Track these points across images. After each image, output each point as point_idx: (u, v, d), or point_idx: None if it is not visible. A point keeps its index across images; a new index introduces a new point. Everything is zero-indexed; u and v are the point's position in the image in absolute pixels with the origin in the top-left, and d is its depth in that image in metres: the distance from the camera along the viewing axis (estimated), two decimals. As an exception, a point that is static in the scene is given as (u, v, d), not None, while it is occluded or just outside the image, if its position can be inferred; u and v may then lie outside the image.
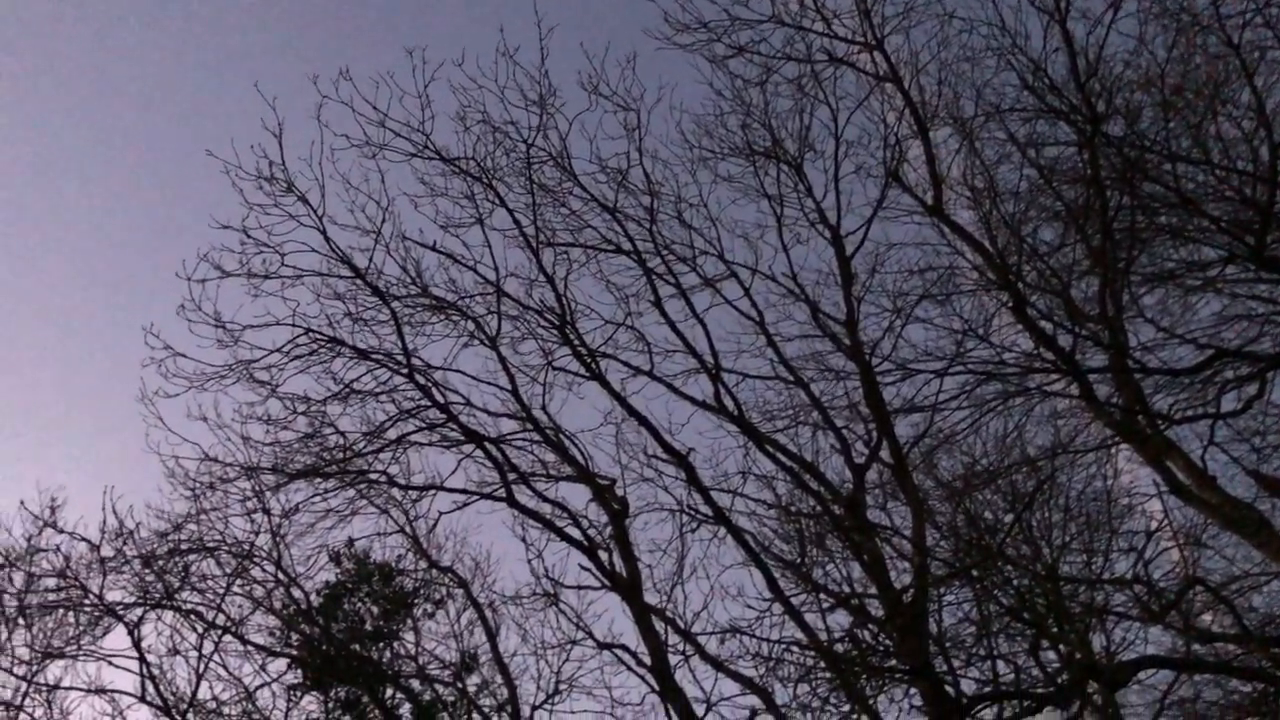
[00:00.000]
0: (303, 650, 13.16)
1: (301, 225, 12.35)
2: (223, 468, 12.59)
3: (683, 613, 12.14)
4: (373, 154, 12.58)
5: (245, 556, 13.01)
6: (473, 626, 14.31)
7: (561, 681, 13.49)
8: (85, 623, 12.46)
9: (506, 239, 13.15)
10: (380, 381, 12.87)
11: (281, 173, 12.12)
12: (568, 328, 12.92)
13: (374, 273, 12.67)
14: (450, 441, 13.13)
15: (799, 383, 13.34)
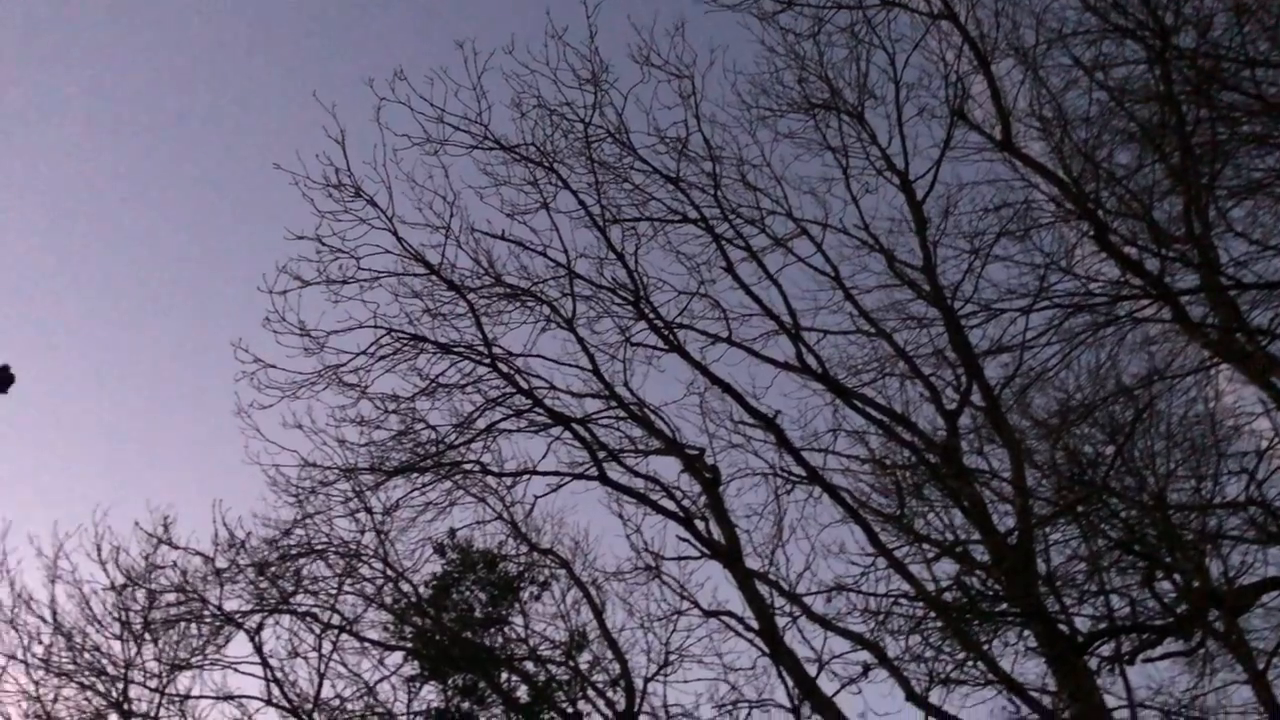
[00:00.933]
0: (417, 642, 13.44)
1: (373, 228, 12.53)
2: (322, 471, 12.88)
3: (786, 575, 12.13)
4: (434, 150, 12.68)
5: (353, 556, 13.33)
6: (579, 605, 14.49)
7: (671, 652, 13.60)
8: (207, 633, 12.92)
9: (573, 220, 13.18)
10: (464, 373, 13.03)
11: (348, 178, 12.32)
12: (642, 302, 12.92)
13: (447, 267, 12.82)
14: (538, 426, 13.24)
15: (881, 334, 13.19)
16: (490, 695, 12.96)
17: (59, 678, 12.61)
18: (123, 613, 12.81)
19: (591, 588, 14.18)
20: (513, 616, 14.19)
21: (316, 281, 12.45)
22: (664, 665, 13.49)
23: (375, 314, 12.65)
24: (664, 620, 13.64)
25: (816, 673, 11.27)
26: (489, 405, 13.05)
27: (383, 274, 12.68)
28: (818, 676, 11.22)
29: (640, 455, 13.27)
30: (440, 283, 12.85)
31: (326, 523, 13.30)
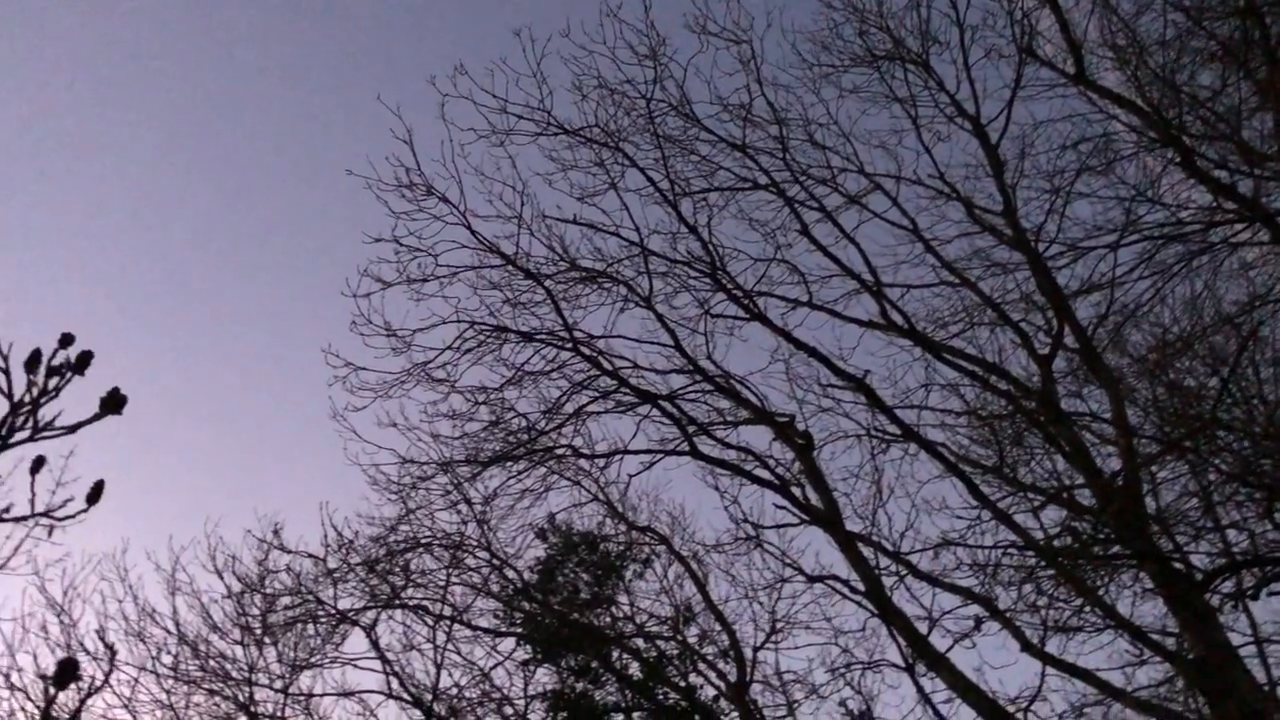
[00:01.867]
0: (527, 626, 13.64)
1: (447, 224, 12.66)
2: (420, 467, 13.12)
3: (888, 534, 11.99)
4: (500, 141, 12.76)
5: (457, 547, 13.54)
6: (681, 580, 14.55)
7: (778, 620, 13.58)
8: (325, 632, 13.26)
9: (643, 198, 13.15)
10: (549, 360, 13.13)
11: (419, 177, 12.45)
12: (719, 273, 12.86)
13: (522, 256, 12.91)
14: (625, 406, 13.30)
15: (966, 283, 12.95)
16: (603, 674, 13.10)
17: (188, 685, 13.06)
18: (242, 618, 13.23)
19: (693, 562, 14.24)
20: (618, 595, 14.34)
21: (397, 282, 12.66)
22: (772, 633, 13.49)
23: (457, 309, 12.83)
24: (768, 589, 13.64)
25: (928, 630, 11.12)
26: (575, 389, 13.13)
27: (460, 269, 12.84)
28: (929, 634, 11.08)
29: (730, 427, 13.27)
30: (517, 272, 12.95)
31: (429, 517, 13.57)
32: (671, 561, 14.53)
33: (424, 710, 12.76)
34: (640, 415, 13.22)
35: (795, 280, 13.10)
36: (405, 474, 13.14)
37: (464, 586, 13.68)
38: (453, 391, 12.98)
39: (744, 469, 12.87)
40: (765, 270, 12.97)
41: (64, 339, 4.02)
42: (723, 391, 13.09)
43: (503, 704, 13.12)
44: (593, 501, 14.32)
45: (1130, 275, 12.24)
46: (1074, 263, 12.55)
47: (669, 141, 13.04)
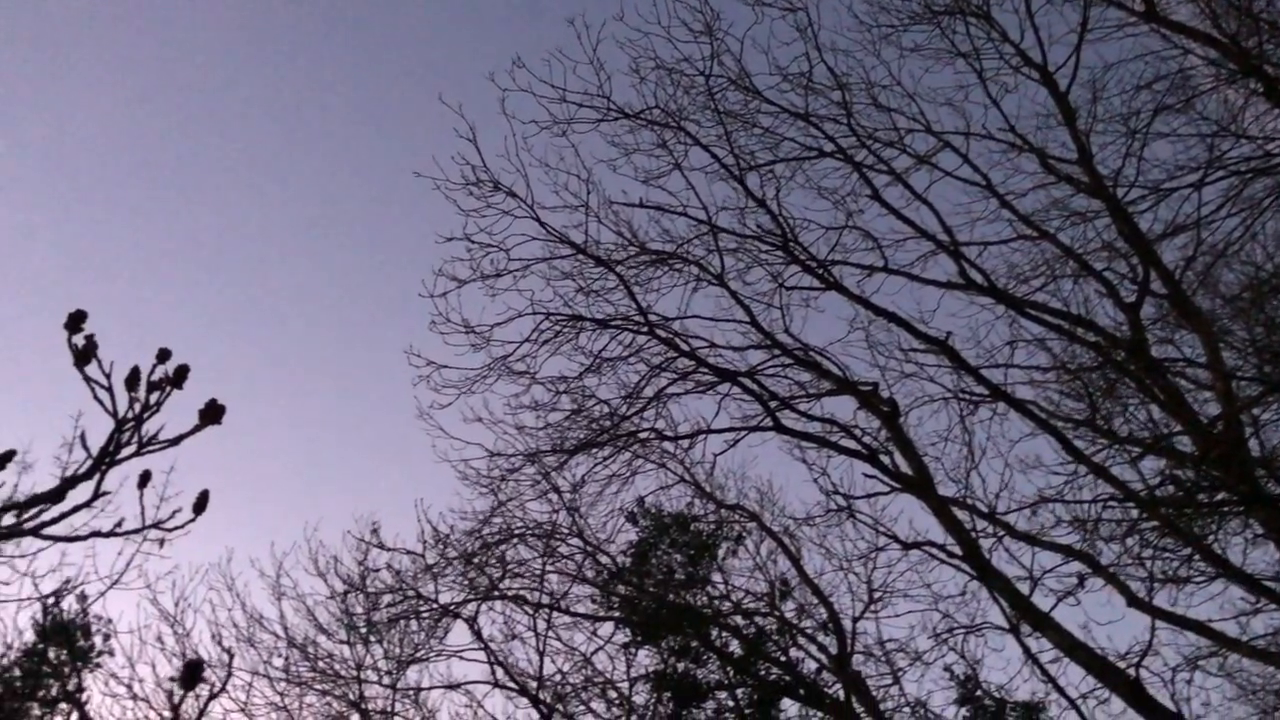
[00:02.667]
0: (625, 610, 13.74)
1: (515, 218, 12.77)
2: (508, 459, 13.29)
3: (983, 496, 11.82)
4: (562, 131, 12.80)
5: (550, 536, 13.69)
6: (774, 555, 14.51)
7: (875, 589, 13.48)
8: (428, 626, 13.51)
9: (708, 175, 13.11)
10: (625, 345, 13.17)
11: (485, 174, 12.56)
12: (791, 245, 12.75)
13: (592, 244, 12.96)
14: (705, 385, 13.28)
15: (1045, 236, 12.66)
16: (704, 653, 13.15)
17: (300, 687, 13.41)
18: (347, 618, 13.54)
19: (784, 537, 14.20)
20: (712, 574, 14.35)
21: (472, 279, 12.80)
22: (870, 603, 13.40)
23: (532, 301, 12.94)
24: (864, 559, 13.55)
25: (1029, 591, 10.95)
26: (654, 372, 13.16)
27: (532, 261, 12.94)
28: (1031, 594, 10.90)
29: (812, 399, 13.17)
30: (588, 260, 13.01)
31: (520, 508, 13.75)
32: (763, 538, 14.52)
33: (530, 698, 12.95)
34: (721, 394, 13.22)
35: (869, 246, 12.94)
36: (494, 467, 13.34)
37: (560, 574, 13.84)
38: (534, 383, 13.11)
39: (830, 440, 12.79)
40: (838, 238, 12.83)
41: (161, 354, 4.13)
42: (802, 364, 13.00)
43: (606, 688, 13.25)
44: (680, 483, 14.37)
45: (1217, 214, 11.84)
46: (1156, 205, 12.19)
47: (730, 116, 12.95)
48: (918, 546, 12.50)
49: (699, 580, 14.06)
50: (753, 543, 14.68)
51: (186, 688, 3.32)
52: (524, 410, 13.22)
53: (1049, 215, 13.05)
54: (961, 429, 12.36)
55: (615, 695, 13.24)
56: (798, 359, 12.96)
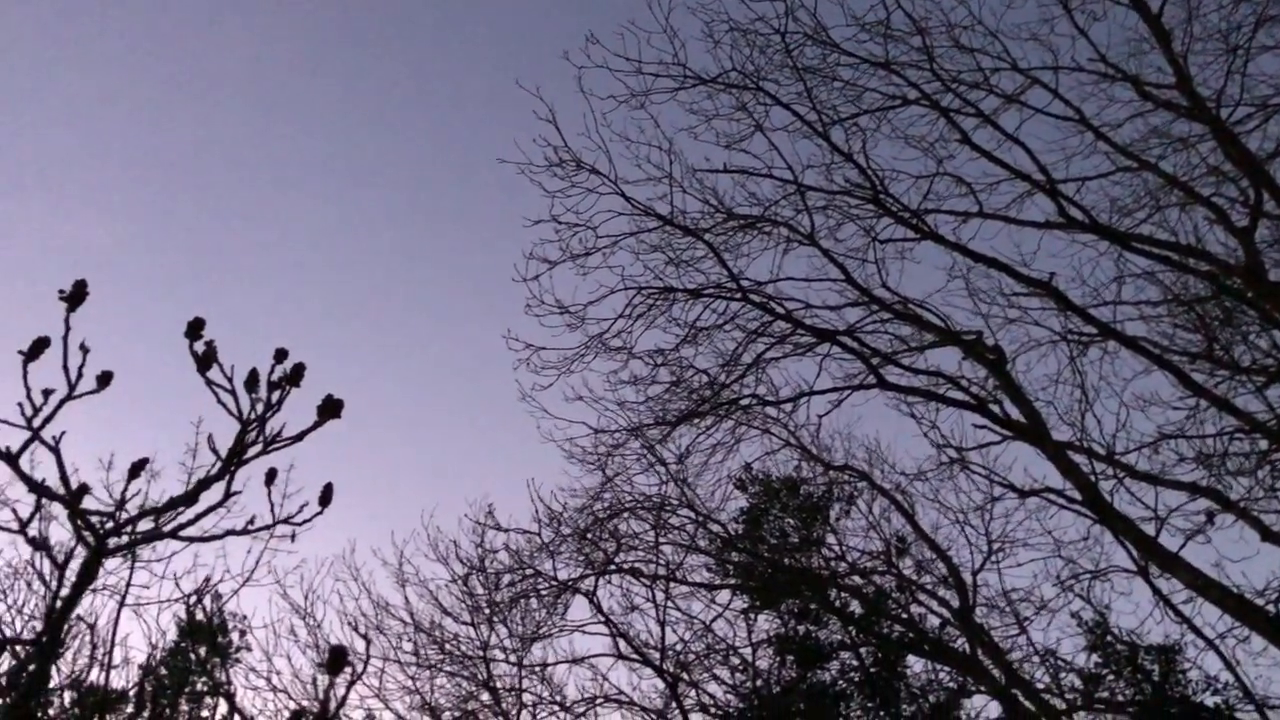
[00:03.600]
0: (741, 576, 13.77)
1: (600, 195, 12.80)
2: (611, 435, 13.40)
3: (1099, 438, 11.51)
4: (640, 104, 12.76)
5: (660, 508, 13.78)
6: (888, 513, 14.37)
7: (994, 540, 13.26)
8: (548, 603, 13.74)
9: (791, 134, 12.94)
10: (719, 313, 13.14)
11: (567, 154, 12.61)
12: (881, 197, 12.53)
13: (678, 214, 12.94)
14: (803, 347, 13.18)
15: (1146, 166, 12.20)
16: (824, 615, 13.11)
17: (429, 670, 13.78)
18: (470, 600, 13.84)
19: (897, 494, 14.04)
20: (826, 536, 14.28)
21: (562, 260, 12.90)
22: (990, 555, 13.18)
23: (623, 276, 12.99)
24: (980, 510, 13.34)
25: (1155, 531, 10.64)
26: (751, 338, 13.11)
27: (620, 236, 12.97)
28: (1158, 534, 10.59)
29: (915, 352, 12.98)
30: (675, 230, 13.00)
31: (628, 482, 13.88)
32: (875, 496, 14.39)
33: (654, 668, 13.08)
34: (820, 355, 13.11)
35: (962, 192, 12.64)
36: (599, 444, 13.47)
37: (673, 545, 13.94)
38: (631, 357, 13.18)
39: (936, 393, 12.61)
40: (929, 187, 12.56)
41: (279, 354, 4.26)
42: (902, 318, 12.82)
43: (729, 654, 13.32)
44: (785, 447, 14.31)
45: (1332, 125, 11.26)
46: (1264, 123, 11.64)
47: (809, 72, 12.74)
48: (1035, 494, 12.26)
49: (813, 543, 14.00)
50: (864, 502, 14.58)
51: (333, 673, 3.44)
52: (624, 386, 13.32)
53: (1148, 144, 12.58)
54: (1072, 371, 12.06)
55: (738, 661, 13.31)
56: (897, 313, 12.78)
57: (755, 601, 13.24)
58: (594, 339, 13.05)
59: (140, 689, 10.79)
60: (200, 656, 12.34)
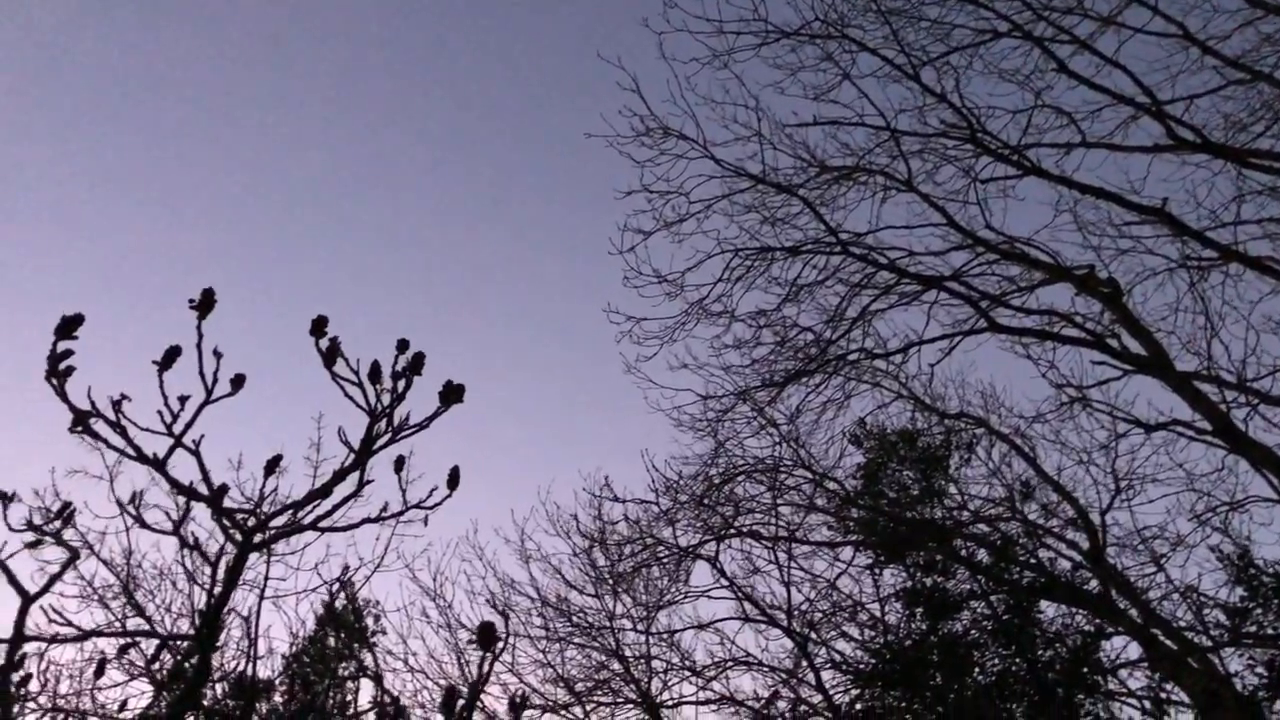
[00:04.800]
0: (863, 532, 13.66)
1: (690, 160, 12.77)
2: (719, 400, 13.40)
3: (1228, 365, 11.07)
4: (723, 64, 12.64)
5: (774, 470, 13.74)
6: (1008, 459, 14.09)
7: (1121, 478, 12.90)
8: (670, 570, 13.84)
9: (880, 79, 12.68)
10: (819, 269, 13.02)
11: (654, 122, 12.58)
12: (978, 135, 12.21)
13: (770, 171, 12.84)
14: (908, 296, 12.99)
15: (1259, 76, 11.59)
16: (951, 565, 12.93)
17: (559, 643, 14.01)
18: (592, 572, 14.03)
19: (1016, 438, 13.77)
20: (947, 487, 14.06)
21: (656, 229, 12.91)
22: (1118, 493, 12.83)
23: (718, 240, 12.98)
24: (1105, 449, 13.00)
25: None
26: (854, 291, 12.98)
27: (712, 200, 12.93)
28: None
29: (1024, 292, 12.69)
30: (768, 189, 12.90)
31: (739, 446, 13.87)
32: (994, 442, 14.12)
33: (781, 628, 13.09)
34: (927, 303, 12.92)
35: (1063, 123, 12.22)
36: (708, 410, 13.50)
37: (790, 506, 13.90)
38: (733, 321, 13.16)
39: (1050, 332, 12.31)
40: (1028, 120, 12.17)
41: (400, 344, 4.34)
42: (1009, 258, 12.53)
43: (856, 610, 13.25)
44: (897, 399, 14.13)
45: None
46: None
47: (894, 14, 12.43)
48: (1162, 428, 11.88)
49: (934, 493, 13.81)
50: (984, 449, 14.32)
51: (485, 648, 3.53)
52: (728, 350, 13.32)
53: (1260, 54, 11.93)
54: (1193, 298, 11.62)
55: (866, 617, 13.23)
56: (1003, 253, 12.50)
57: (880, 556, 13.12)
58: (694, 305, 13.08)
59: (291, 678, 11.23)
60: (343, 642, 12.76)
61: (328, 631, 12.88)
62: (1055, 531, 13.35)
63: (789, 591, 13.18)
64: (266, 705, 11.54)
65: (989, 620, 12.60)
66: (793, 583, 13.26)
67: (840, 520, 13.94)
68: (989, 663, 12.42)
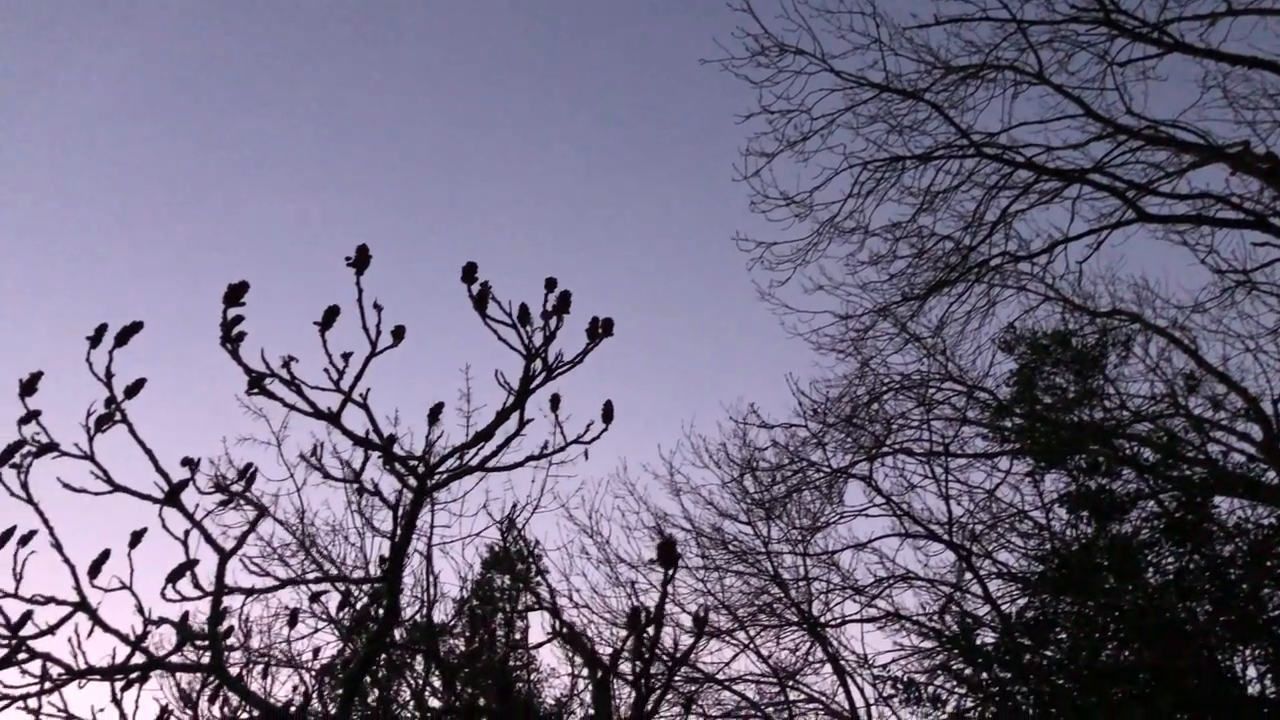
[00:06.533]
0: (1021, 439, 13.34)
1: (809, 75, 12.51)
2: (858, 319, 13.25)
3: None
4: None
5: (921, 385, 13.54)
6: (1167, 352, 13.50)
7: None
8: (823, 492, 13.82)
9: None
10: (953, 174, 12.69)
11: (769, 40, 12.34)
12: (1113, 16, 11.60)
13: (893, 78, 12.49)
14: (1049, 193, 12.61)
15: None
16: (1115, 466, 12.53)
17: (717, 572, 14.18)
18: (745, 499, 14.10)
19: (1175, 330, 13.17)
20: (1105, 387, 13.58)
21: (780, 150, 12.73)
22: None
23: (845, 155, 12.71)
24: (1273, 334, 12.32)
25: None
26: (991, 193, 12.63)
27: (835, 114, 12.67)
28: None
29: (1174, 177, 12.10)
30: (893, 96, 12.57)
31: (883, 364, 13.70)
32: (1150, 337, 13.54)
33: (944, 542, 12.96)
34: (1069, 199, 12.51)
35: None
36: (848, 330, 13.36)
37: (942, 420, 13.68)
38: (867, 236, 12.96)
39: (1206, 216, 11.78)
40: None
41: (548, 283, 4.42)
42: (1155, 143, 11.98)
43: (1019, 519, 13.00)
44: (1044, 301, 13.67)
45: None
46: None
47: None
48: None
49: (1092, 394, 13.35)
50: (1140, 345, 13.74)
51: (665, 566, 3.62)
52: (863, 267, 13.13)
53: None
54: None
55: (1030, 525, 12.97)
56: (1148, 138, 11.95)
57: (1040, 463, 12.80)
58: (825, 225, 12.90)
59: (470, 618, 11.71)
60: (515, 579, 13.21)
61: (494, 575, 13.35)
62: (1224, 424, 12.79)
63: (948, 505, 13.02)
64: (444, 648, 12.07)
65: (1160, 519, 12.20)
66: (951, 496, 13.09)
67: (995, 430, 13.65)
68: (1164, 562, 12.06)
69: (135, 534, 4.23)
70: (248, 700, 4.69)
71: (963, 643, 12.42)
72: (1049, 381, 13.60)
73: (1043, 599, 12.17)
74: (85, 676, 4.17)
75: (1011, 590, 12.75)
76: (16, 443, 4.21)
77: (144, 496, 4.35)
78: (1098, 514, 12.17)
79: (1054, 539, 12.65)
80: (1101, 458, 12.42)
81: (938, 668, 12.64)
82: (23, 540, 4.09)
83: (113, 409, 4.32)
